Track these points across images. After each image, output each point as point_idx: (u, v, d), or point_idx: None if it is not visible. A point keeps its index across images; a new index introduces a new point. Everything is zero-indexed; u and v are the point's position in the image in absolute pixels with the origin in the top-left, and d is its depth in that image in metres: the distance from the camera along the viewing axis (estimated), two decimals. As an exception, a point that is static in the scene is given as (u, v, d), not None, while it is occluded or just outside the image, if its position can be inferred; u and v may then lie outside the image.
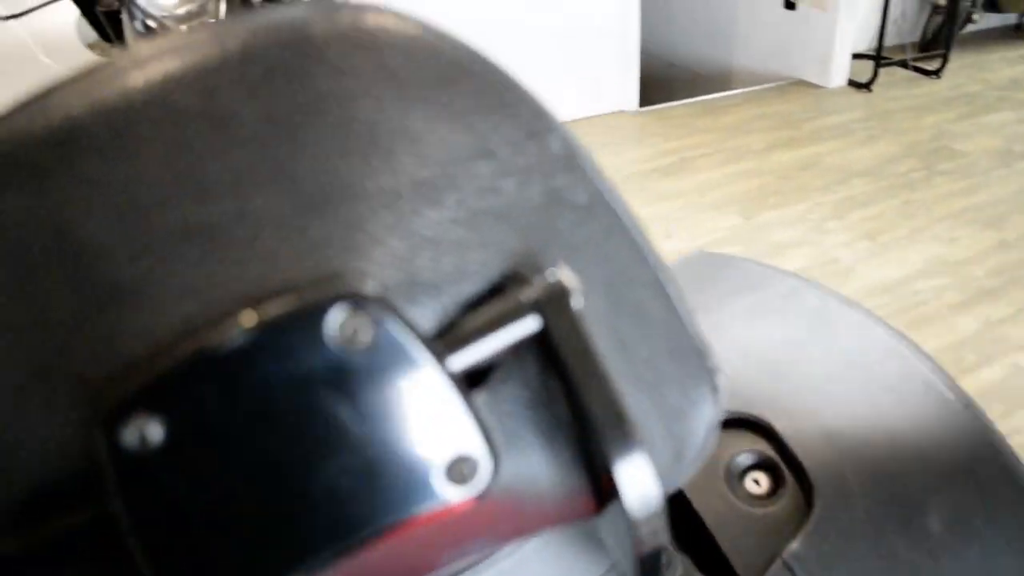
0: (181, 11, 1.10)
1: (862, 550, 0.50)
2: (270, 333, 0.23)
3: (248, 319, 0.23)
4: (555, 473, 0.29)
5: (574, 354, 0.27)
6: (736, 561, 0.50)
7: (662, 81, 4.67)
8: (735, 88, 3.99)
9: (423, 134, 0.27)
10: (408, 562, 0.27)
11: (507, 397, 0.28)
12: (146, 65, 0.25)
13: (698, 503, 0.53)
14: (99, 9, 1.21)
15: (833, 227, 2.49)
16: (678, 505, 0.54)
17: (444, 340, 0.26)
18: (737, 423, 0.58)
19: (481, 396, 0.28)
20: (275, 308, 0.24)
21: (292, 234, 0.25)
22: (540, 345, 0.28)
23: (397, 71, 0.27)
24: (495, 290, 0.28)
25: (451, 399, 0.25)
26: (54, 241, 0.24)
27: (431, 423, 0.25)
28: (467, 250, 0.27)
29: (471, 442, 0.25)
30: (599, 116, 3.56)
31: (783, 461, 0.55)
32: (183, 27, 1.06)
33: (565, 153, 0.30)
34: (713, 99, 3.76)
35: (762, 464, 0.56)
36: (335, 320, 0.24)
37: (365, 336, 0.24)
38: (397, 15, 0.28)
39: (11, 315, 0.23)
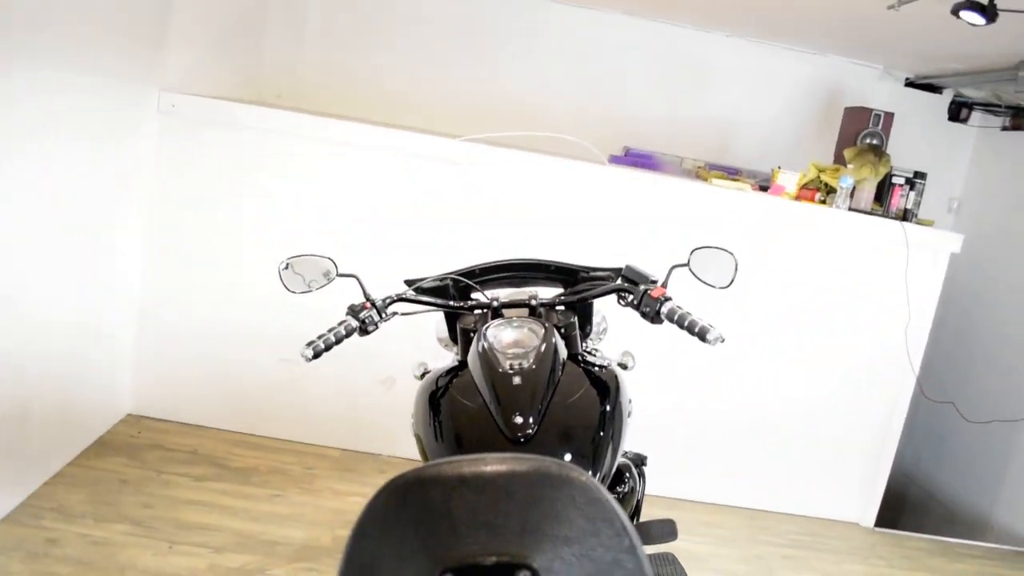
0: (510, 351, 1.65)
1: None
2: (498, 567, 0.76)
3: (491, 560, 0.73)
4: None
5: None
6: None
7: (914, 505, 4.72)
8: (986, 541, 3.98)
9: (575, 521, 0.75)
10: None
11: None
12: (483, 464, 0.76)
13: None
14: (460, 325, 1.82)
15: None
16: None
17: None
18: None
19: None
20: (503, 559, 0.75)
21: (518, 538, 0.76)
22: None
23: (574, 494, 0.76)
24: None
25: None
26: (443, 511, 0.74)
27: None
28: (573, 568, 0.75)
29: None
30: (832, 520, 3.74)
31: None
32: (509, 362, 1.58)
33: (629, 546, 0.76)
34: (953, 543, 3.79)
35: None
36: (521, 572, 0.78)
37: None
38: (576, 469, 0.77)
39: (422, 532, 0.74)
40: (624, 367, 1.88)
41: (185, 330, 3.44)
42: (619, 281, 1.82)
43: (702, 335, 1.62)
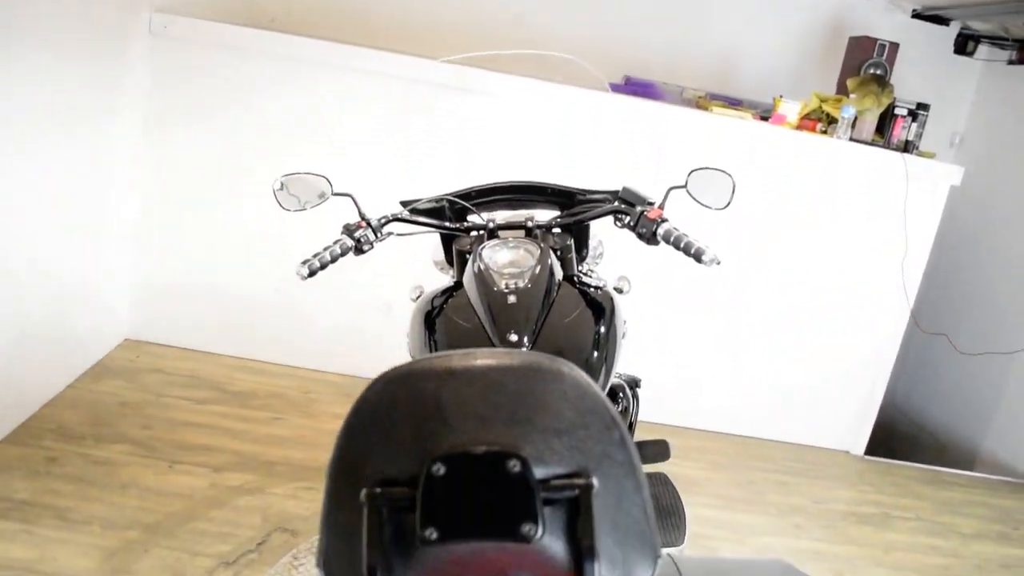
0: (506, 271, 1.66)
1: None
2: (488, 456, 0.78)
3: (481, 449, 0.77)
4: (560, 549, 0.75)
5: (583, 513, 0.73)
6: None
7: (904, 437, 4.78)
8: (974, 471, 4.05)
9: (565, 414, 0.75)
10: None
11: (557, 514, 0.75)
12: (473, 358, 0.76)
13: None
14: (455, 247, 1.82)
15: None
16: None
17: (543, 484, 0.73)
18: None
19: (547, 509, 0.75)
20: (491, 449, 0.77)
21: (507, 429, 0.78)
22: (576, 501, 0.73)
23: (565, 388, 0.76)
24: (569, 475, 0.75)
25: (536, 499, 0.72)
26: (434, 402, 0.76)
27: (522, 503, 0.75)
28: (563, 458, 0.75)
29: (533, 516, 0.75)
30: (823, 448, 3.81)
31: None
32: (504, 282, 1.59)
33: (619, 439, 0.76)
34: (942, 471, 3.86)
35: None
36: (510, 461, 0.77)
37: (516, 469, 0.76)
38: (567, 364, 0.77)
39: (413, 423, 0.76)
40: (620, 291, 1.89)
41: (184, 253, 3.44)
42: (616, 203, 1.82)
43: (698, 256, 1.62)
